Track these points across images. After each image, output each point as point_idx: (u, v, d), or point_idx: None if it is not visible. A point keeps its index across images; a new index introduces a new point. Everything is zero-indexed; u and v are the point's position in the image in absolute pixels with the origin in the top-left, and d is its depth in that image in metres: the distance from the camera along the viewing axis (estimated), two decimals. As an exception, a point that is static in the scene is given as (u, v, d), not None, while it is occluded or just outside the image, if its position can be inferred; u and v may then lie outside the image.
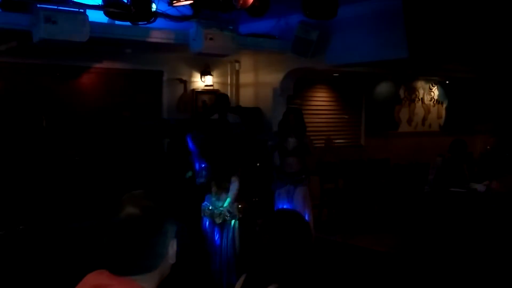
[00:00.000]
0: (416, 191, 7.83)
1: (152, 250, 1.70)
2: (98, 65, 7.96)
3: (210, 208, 5.59)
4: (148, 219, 1.70)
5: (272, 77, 8.88)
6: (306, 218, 5.35)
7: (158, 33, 6.92)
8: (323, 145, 9.65)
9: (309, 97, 10.00)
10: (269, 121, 8.80)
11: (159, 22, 6.55)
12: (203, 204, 5.70)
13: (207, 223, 5.64)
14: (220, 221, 5.46)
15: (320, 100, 10.19)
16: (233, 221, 5.52)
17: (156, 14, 6.34)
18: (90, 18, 5.95)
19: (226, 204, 5.48)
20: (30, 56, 7.13)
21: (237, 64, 9.22)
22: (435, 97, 12.15)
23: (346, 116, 10.58)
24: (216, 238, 5.55)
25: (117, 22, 6.46)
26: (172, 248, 1.75)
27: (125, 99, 7.95)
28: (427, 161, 8.08)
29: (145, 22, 6.31)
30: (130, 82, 8.22)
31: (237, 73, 9.34)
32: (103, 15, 6.24)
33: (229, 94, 8.82)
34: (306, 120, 7.03)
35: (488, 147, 8.41)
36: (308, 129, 7.15)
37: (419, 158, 9.60)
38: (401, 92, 11.49)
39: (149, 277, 1.70)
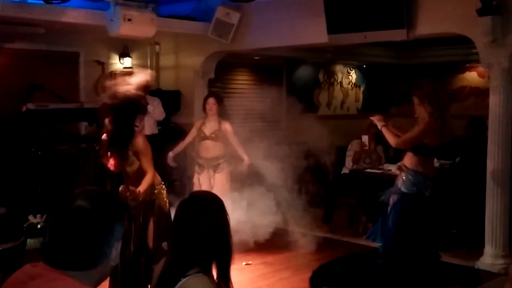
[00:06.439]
0: (334, 173, 8.05)
1: (95, 247, 1.63)
2: (9, 46, 7.57)
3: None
4: (97, 214, 1.64)
5: (193, 60, 8.80)
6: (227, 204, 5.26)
7: (74, 13, 6.67)
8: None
9: (231, 80, 9.99)
10: (190, 104, 8.74)
11: (75, 1, 6.33)
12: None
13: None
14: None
15: (242, 83, 10.21)
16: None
17: (72, -7, 6.11)
18: (-1, -5, 5.66)
19: None
20: None
21: (157, 46, 9.05)
22: (353, 81, 12.46)
23: (267, 99, 10.65)
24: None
25: (29, 0, 6.18)
26: (116, 249, 1.69)
27: (39, 81, 7.60)
28: (345, 144, 8.31)
29: (60, 1, 6.07)
30: (44, 63, 7.88)
31: (157, 55, 9.17)
32: (14, -8, 5.96)
33: (149, 77, 8.66)
34: (228, 103, 7.01)
35: None
36: (230, 112, 7.15)
37: (338, 140, 9.84)
38: (321, 76, 11.70)
39: (87, 275, 1.63)
